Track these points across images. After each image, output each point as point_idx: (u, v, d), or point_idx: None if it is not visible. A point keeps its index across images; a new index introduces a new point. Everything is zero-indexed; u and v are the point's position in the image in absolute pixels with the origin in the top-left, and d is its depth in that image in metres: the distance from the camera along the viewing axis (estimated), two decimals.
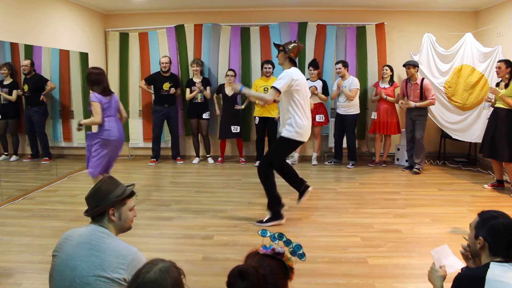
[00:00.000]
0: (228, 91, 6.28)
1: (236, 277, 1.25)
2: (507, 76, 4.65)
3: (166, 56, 6.43)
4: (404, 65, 5.78)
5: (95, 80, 3.92)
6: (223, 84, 6.38)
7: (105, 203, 1.77)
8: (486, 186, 5.06)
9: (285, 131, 3.81)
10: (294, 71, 3.75)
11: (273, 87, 3.67)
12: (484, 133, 5.06)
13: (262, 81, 6.18)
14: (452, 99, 5.92)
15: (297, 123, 3.74)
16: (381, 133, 6.17)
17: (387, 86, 6.08)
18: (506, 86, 4.65)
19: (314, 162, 6.45)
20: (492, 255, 1.63)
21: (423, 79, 5.74)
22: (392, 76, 6.11)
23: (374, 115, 6.21)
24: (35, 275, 2.85)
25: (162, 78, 6.35)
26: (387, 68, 6.07)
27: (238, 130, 6.35)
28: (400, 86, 6.15)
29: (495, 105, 4.81)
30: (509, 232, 1.61)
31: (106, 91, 3.98)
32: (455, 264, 1.84)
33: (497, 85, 4.84)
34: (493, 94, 4.78)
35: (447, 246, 1.92)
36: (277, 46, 3.91)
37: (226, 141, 6.68)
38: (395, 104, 6.15)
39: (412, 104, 5.70)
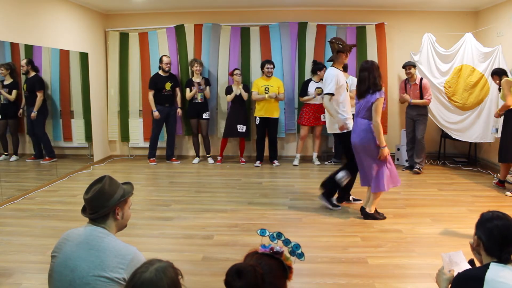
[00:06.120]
0: (235, 90, 6.26)
1: (233, 276, 1.25)
2: None
3: (167, 56, 6.44)
4: (404, 66, 5.76)
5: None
6: (231, 86, 6.36)
7: (113, 204, 1.76)
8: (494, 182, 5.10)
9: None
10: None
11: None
12: (504, 137, 4.86)
13: (263, 80, 6.17)
14: (452, 99, 5.91)
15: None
16: None
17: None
18: None
19: (317, 162, 6.44)
20: (488, 255, 1.64)
21: (421, 79, 5.75)
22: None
23: None
24: (35, 275, 2.85)
25: (163, 78, 6.35)
26: None
27: (244, 130, 6.33)
28: (399, 87, 6.14)
29: None
30: (502, 235, 1.60)
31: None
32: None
33: None
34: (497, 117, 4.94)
35: (461, 252, 1.92)
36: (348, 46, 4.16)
37: (228, 141, 6.67)
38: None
39: (408, 98, 5.73)
